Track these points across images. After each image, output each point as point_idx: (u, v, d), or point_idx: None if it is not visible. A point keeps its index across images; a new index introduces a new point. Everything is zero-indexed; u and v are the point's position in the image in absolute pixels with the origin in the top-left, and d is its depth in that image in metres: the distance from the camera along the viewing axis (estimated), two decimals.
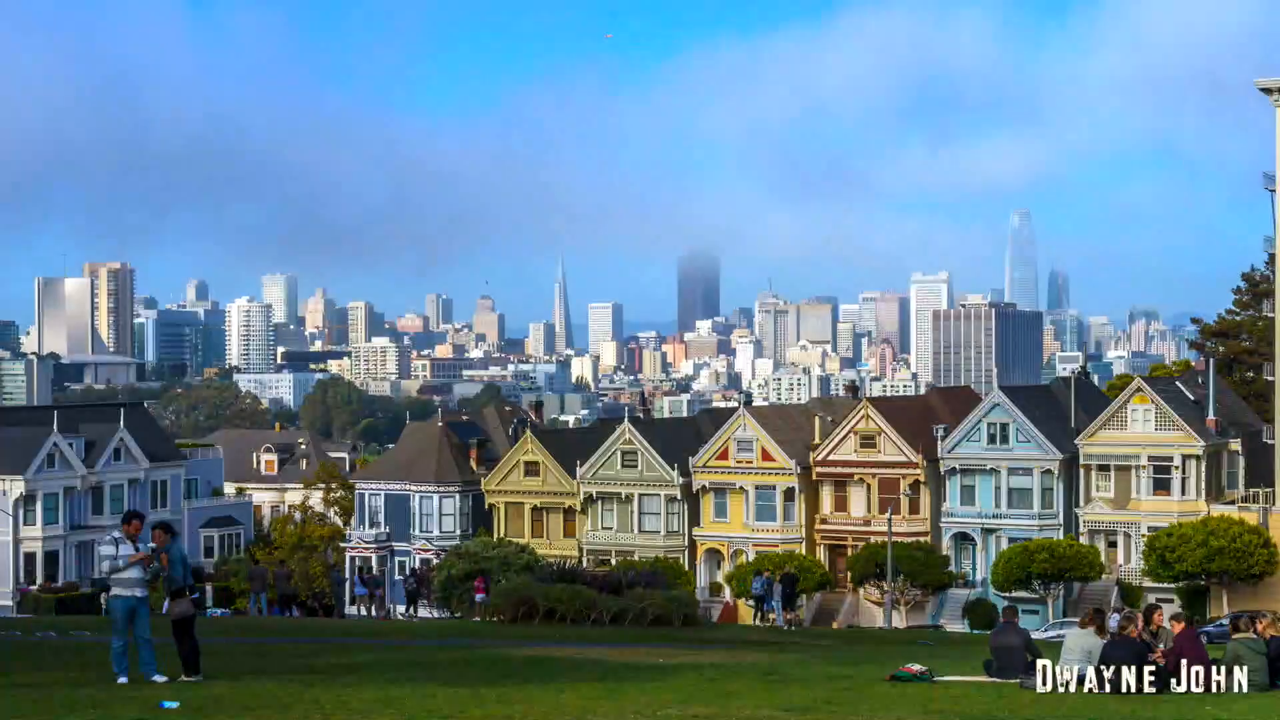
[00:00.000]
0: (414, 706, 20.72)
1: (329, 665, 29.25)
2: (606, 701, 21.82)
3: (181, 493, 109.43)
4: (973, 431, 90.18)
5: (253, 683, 24.09)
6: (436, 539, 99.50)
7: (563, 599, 47.05)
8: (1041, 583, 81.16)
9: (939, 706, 21.83)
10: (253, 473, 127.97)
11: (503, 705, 21.07)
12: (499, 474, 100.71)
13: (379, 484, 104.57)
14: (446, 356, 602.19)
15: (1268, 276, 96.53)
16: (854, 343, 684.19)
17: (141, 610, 23.15)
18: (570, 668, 28.92)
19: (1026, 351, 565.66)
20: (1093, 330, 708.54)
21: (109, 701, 20.99)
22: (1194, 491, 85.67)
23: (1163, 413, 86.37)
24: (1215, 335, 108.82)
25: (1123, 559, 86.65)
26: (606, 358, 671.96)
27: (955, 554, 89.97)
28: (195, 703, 20.74)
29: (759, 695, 23.42)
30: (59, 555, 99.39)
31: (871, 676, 27.03)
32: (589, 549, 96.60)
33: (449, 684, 24.26)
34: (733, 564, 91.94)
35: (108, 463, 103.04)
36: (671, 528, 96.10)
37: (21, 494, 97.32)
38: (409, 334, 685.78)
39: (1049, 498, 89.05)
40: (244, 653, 32.41)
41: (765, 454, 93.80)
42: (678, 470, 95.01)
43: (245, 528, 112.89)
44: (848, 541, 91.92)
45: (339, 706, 20.61)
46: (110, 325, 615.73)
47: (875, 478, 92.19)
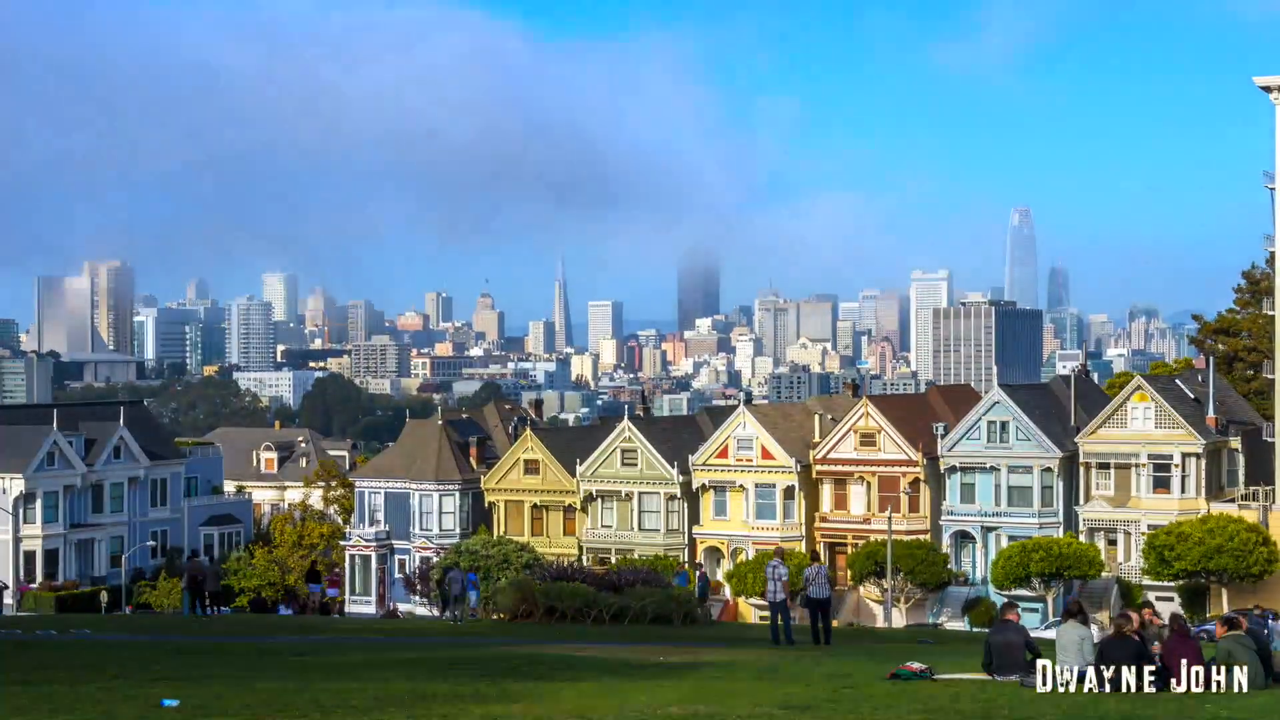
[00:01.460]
0: (414, 706, 20.72)
1: (329, 665, 29.26)
2: (606, 700, 21.82)
3: (181, 491, 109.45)
4: (972, 430, 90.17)
5: (253, 682, 24.09)
6: (436, 537, 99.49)
7: (563, 597, 47.06)
8: (1041, 581, 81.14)
9: (939, 704, 21.83)
10: (252, 471, 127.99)
11: (503, 704, 21.07)
12: (499, 472, 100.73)
13: (379, 482, 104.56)
14: (446, 355, 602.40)
15: (1268, 274, 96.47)
16: (854, 341, 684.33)
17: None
18: (570, 666, 28.92)
19: (1026, 349, 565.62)
20: (1093, 328, 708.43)
21: (109, 700, 21.00)
22: (1194, 489, 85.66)
23: (1162, 411, 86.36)
24: (1215, 333, 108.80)
25: (1122, 557, 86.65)
26: (606, 356, 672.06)
27: (955, 552, 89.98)
28: (195, 701, 20.74)
29: (759, 693, 23.42)
30: (59, 553, 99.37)
31: (872, 674, 27.02)
32: (589, 547, 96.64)
33: (449, 683, 24.26)
34: (733, 562, 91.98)
35: (107, 461, 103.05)
36: (671, 526, 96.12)
37: (21, 492, 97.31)
38: (409, 332, 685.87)
39: (1049, 496, 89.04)
40: (244, 652, 32.42)
41: (765, 452, 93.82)
42: (677, 468, 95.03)
43: (245, 526, 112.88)
44: (848, 540, 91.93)
45: (339, 706, 20.61)
46: (110, 323, 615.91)
47: (875, 476, 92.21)
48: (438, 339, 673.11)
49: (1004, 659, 25.54)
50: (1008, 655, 25.50)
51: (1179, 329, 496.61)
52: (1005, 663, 25.43)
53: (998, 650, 25.78)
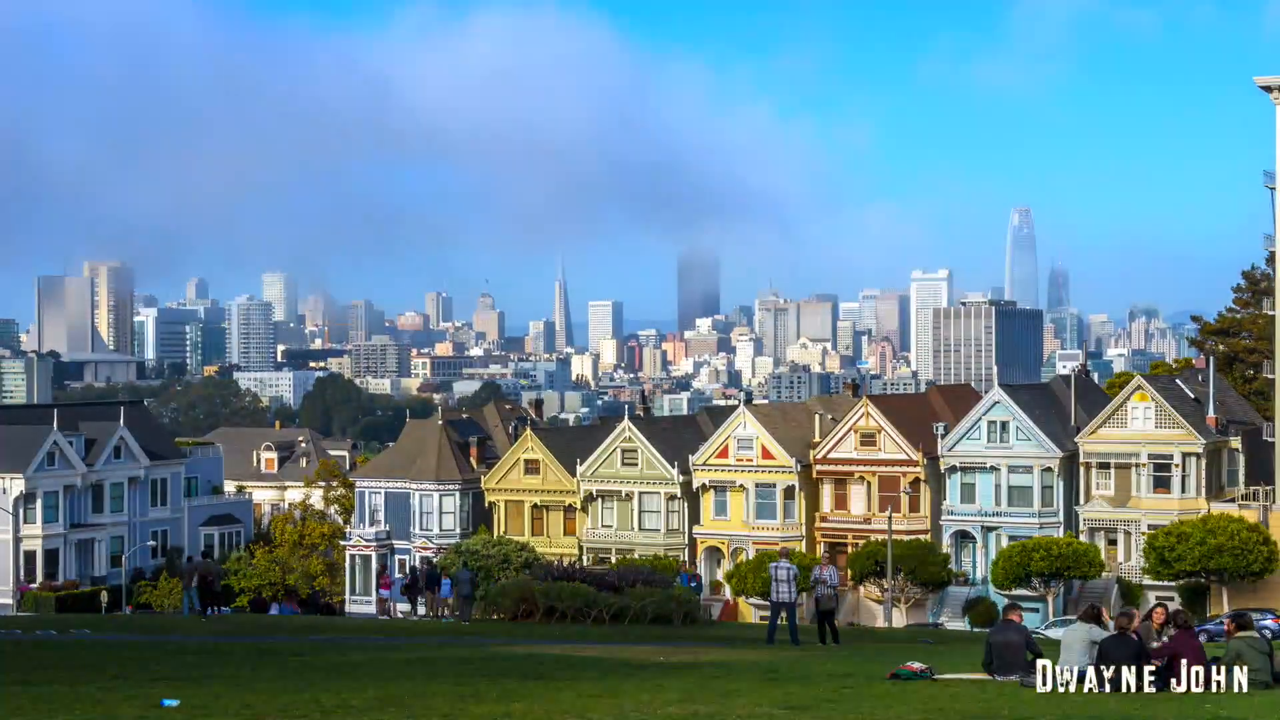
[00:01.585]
0: (414, 706, 20.71)
1: (329, 665, 29.26)
2: (606, 700, 21.80)
3: (181, 491, 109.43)
4: (973, 429, 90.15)
5: (253, 682, 24.09)
6: (436, 537, 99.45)
7: (563, 597, 47.06)
8: (1041, 581, 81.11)
9: (939, 705, 21.81)
10: (253, 471, 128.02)
11: (503, 704, 21.05)
12: (499, 472, 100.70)
13: (379, 482, 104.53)
14: (447, 354, 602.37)
15: (1268, 274, 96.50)
16: (854, 340, 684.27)
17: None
18: (570, 666, 28.90)
19: (1027, 349, 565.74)
20: (1093, 328, 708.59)
21: (109, 700, 20.99)
22: (1194, 489, 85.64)
23: (1163, 410, 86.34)
24: (1215, 333, 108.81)
25: (1123, 557, 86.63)
26: (606, 356, 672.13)
27: (955, 552, 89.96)
28: (195, 701, 20.74)
29: (759, 693, 23.41)
30: (59, 553, 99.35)
31: (872, 674, 27.01)
32: (589, 547, 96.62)
33: (449, 683, 24.25)
34: (733, 562, 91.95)
35: (108, 461, 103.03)
36: (672, 526, 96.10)
37: (21, 492, 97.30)
38: (409, 332, 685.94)
39: (1049, 496, 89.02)
40: (244, 652, 32.42)
41: (765, 452, 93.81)
42: (678, 468, 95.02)
43: (245, 526, 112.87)
44: (848, 539, 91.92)
45: (339, 706, 20.59)
46: (110, 323, 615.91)
47: (875, 476, 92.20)
48: (438, 339, 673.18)
49: (1004, 659, 25.51)
50: (1008, 655, 25.47)
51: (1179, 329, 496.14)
52: (1006, 663, 25.41)
53: (998, 650, 25.76)
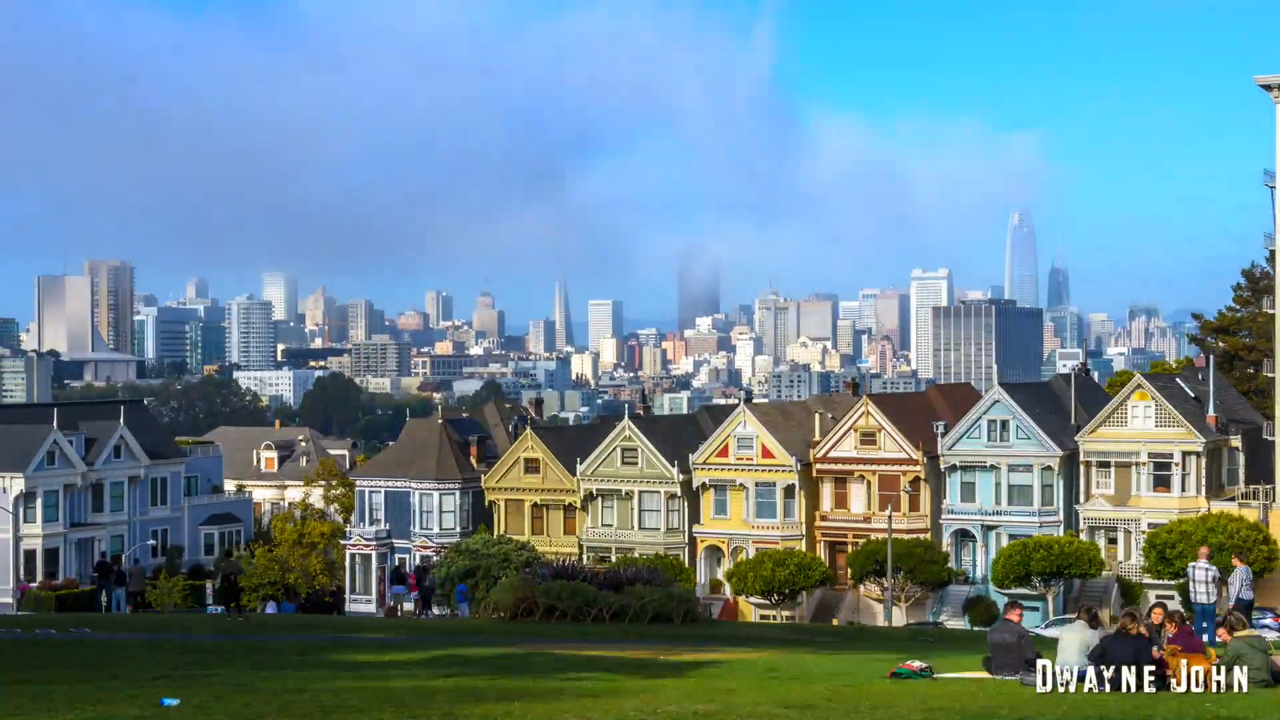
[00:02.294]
0: (414, 705, 20.71)
1: (329, 663, 29.25)
2: (606, 699, 21.80)
3: (181, 490, 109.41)
4: (973, 428, 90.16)
5: (253, 681, 24.08)
6: (436, 536, 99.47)
7: (563, 596, 47.00)
8: (1041, 579, 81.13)
9: (939, 704, 21.80)
10: (253, 470, 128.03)
11: (503, 704, 21.04)
12: (499, 471, 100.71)
13: (379, 481, 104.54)
14: (446, 354, 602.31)
15: (1268, 273, 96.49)
16: (854, 339, 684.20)
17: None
18: (570, 666, 28.89)
19: (1027, 348, 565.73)
20: (1093, 327, 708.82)
21: (109, 700, 20.99)
22: (1194, 488, 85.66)
23: (1163, 409, 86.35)
24: (1215, 331, 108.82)
25: (1123, 555, 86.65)
26: (606, 355, 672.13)
27: (955, 551, 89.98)
28: (195, 701, 20.73)
29: (759, 692, 23.40)
30: (59, 553, 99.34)
31: (872, 673, 27.00)
32: (589, 546, 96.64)
33: (449, 683, 24.24)
34: (733, 561, 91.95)
35: (108, 460, 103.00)
36: (672, 524, 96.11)
37: (21, 491, 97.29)
38: (409, 331, 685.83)
39: (1049, 494, 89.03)
40: (244, 651, 32.40)
41: (765, 451, 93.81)
42: (678, 467, 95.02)
43: (245, 525, 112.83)
44: (848, 538, 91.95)
45: (339, 706, 20.59)
46: (110, 323, 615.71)
47: (875, 474, 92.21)
48: (438, 338, 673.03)
49: (1004, 658, 25.52)
50: (1008, 654, 25.48)
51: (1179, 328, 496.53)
52: (1005, 662, 25.42)
53: (994, 649, 25.78)
